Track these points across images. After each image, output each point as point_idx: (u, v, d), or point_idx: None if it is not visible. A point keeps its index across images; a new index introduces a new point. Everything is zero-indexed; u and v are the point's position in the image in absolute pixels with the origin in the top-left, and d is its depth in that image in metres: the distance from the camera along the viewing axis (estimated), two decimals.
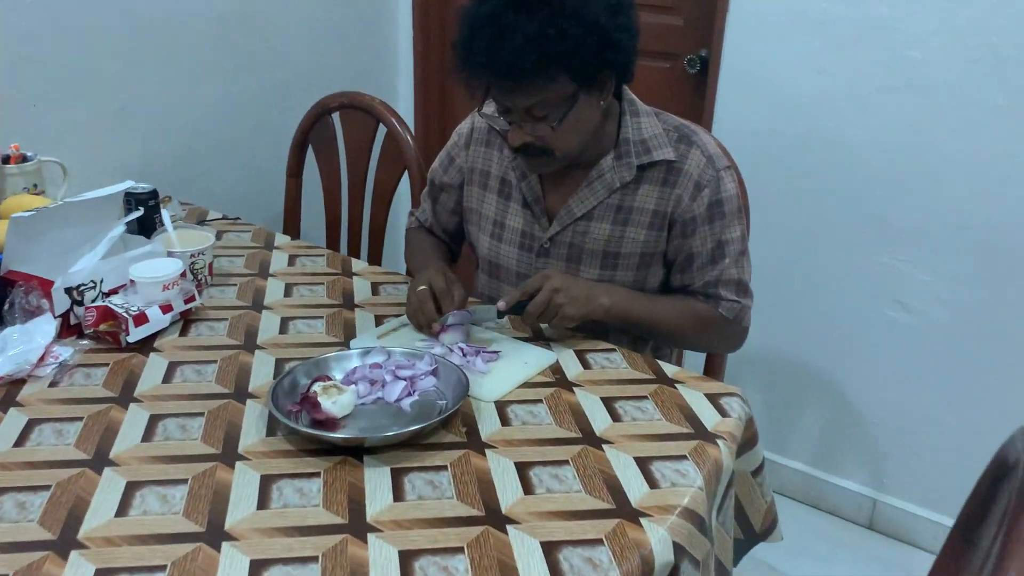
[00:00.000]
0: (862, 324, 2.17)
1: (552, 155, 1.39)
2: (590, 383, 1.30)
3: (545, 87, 1.30)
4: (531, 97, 1.31)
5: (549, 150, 1.38)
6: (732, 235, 1.46)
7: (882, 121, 2.00)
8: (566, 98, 1.32)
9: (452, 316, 1.38)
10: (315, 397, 1.15)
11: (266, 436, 1.14)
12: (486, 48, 1.27)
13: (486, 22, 1.27)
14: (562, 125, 1.34)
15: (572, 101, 1.33)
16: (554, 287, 1.36)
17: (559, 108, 1.33)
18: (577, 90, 1.32)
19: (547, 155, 1.39)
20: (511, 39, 1.24)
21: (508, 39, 1.24)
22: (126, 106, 2.05)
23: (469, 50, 1.30)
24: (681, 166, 1.43)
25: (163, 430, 1.15)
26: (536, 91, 1.30)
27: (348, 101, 2.00)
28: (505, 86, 1.31)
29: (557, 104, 1.32)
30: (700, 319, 1.48)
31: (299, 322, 1.47)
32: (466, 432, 1.16)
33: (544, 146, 1.37)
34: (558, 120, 1.33)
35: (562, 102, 1.32)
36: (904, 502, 2.24)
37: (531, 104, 1.32)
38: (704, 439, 1.17)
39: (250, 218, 2.06)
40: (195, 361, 1.33)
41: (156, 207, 1.66)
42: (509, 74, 1.27)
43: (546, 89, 1.30)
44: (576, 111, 1.34)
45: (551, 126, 1.34)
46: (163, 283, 1.41)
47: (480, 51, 1.28)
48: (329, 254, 1.78)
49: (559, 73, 1.29)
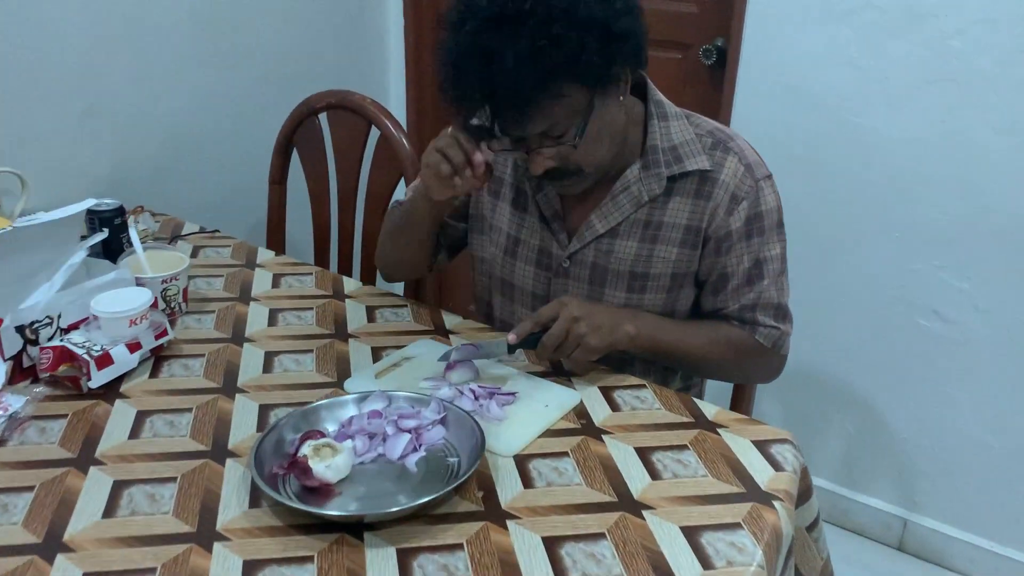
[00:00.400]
0: (893, 334, 2.02)
1: (581, 173, 1.23)
2: (621, 429, 1.14)
3: (554, 105, 1.13)
4: (542, 121, 1.14)
5: (576, 169, 1.22)
6: (771, 252, 1.30)
7: (917, 117, 1.85)
8: (581, 109, 1.16)
9: (456, 351, 1.22)
10: (305, 461, 0.99)
11: (249, 508, 0.98)
12: (477, 81, 1.10)
13: (468, 51, 1.10)
14: (584, 138, 1.17)
15: (588, 110, 1.16)
16: (573, 315, 1.19)
17: (576, 122, 1.16)
18: (591, 96, 1.16)
19: (575, 174, 1.23)
20: (501, 63, 1.07)
21: (498, 64, 1.07)
22: (91, 108, 1.86)
23: (458, 88, 1.13)
24: (716, 176, 1.27)
25: (128, 501, 0.98)
26: (546, 113, 1.13)
27: (336, 101, 1.82)
28: (512, 116, 1.14)
29: (573, 118, 1.16)
30: (735, 347, 1.32)
31: (285, 358, 1.30)
32: (483, 498, 1.00)
33: (569, 166, 1.21)
34: (578, 134, 1.17)
35: (578, 114, 1.16)
36: (937, 522, 2.10)
37: (544, 129, 1.16)
38: (758, 500, 1.01)
39: (230, 229, 1.88)
40: (167, 410, 1.16)
41: (123, 226, 1.48)
42: (511, 104, 1.10)
43: (556, 107, 1.13)
44: (596, 119, 1.17)
45: (572, 144, 1.17)
46: (130, 317, 1.23)
47: (470, 86, 1.11)
48: (318, 272, 1.61)
49: (565, 85, 1.12)
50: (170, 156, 2.03)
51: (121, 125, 1.93)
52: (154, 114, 1.99)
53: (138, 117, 1.95)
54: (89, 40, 1.83)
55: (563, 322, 1.20)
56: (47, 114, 1.79)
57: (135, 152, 1.96)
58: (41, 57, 1.76)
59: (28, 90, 1.75)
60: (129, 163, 1.95)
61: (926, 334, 1.98)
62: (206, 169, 2.12)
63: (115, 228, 1.46)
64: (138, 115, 1.95)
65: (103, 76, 1.87)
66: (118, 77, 1.90)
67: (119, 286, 1.31)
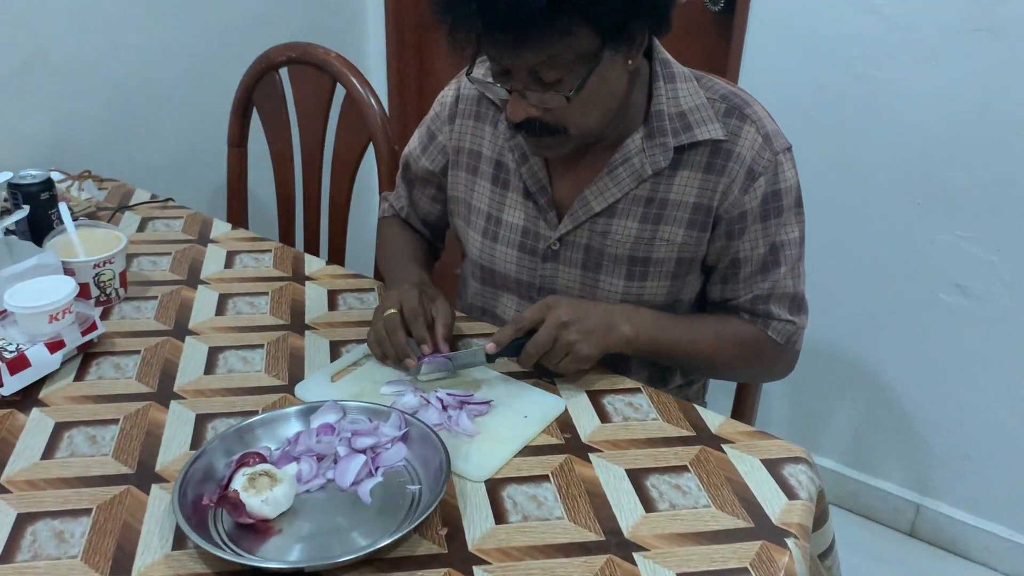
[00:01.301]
0: (912, 308, 1.87)
1: (565, 133, 1.05)
2: (611, 446, 0.99)
3: (558, 41, 0.95)
4: (539, 53, 0.97)
5: (561, 127, 1.04)
6: (790, 235, 1.14)
7: (947, 71, 1.67)
8: (586, 56, 0.98)
9: (426, 363, 1.07)
10: (236, 496, 0.84)
11: (172, 550, 0.83)
12: None
13: None
14: (580, 93, 1.00)
15: (594, 61, 0.99)
16: (560, 320, 1.04)
17: (576, 70, 0.99)
18: (601, 46, 0.98)
19: (558, 133, 1.05)
20: None
21: None
22: (30, 61, 1.67)
23: None
24: (731, 147, 1.10)
25: (31, 540, 0.84)
26: (546, 46, 0.96)
27: (297, 55, 1.63)
28: (504, 39, 0.96)
29: (573, 64, 0.98)
30: (744, 345, 1.17)
31: (231, 355, 1.15)
32: (447, 536, 0.85)
33: (554, 122, 1.04)
34: (575, 87, 0.99)
35: (580, 62, 0.99)
36: (951, 508, 1.98)
37: (539, 63, 0.98)
38: (768, 538, 0.87)
39: (187, 197, 1.72)
40: (90, 421, 1.01)
41: (51, 201, 1.31)
42: (510, 22, 0.92)
43: (559, 44, 0.96)
44: (598, 74, 1.00)
45: (565, 95, 1.00)
46: (50, 312, 1.08)
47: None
48: (277, 249, 1.44)
49: (577, 23, 0.95)
50: (119, 115, 1.85)
51: (63, 80, 1.74)
52: (101, 67, 1.80)
53: (82, 71, 1.76)
54: None
55: (550, 328, 1.04)
56: None
57: (79, 111, 1.78)
58: None
59: None
60: (72, 123, 1.76)
61: (947, 309, 1.83)
62: (160, 130, 1.94)
63: (42, 204, 1.29)
64: (82, 69, 1.76)
65: (42, 24, 1.68)
66: (59, 25, 1.70)
67: (42, 273, 1.15)
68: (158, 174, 1.87)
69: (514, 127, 1.08)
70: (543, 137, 1.07)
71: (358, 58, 2.33)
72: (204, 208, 1.64)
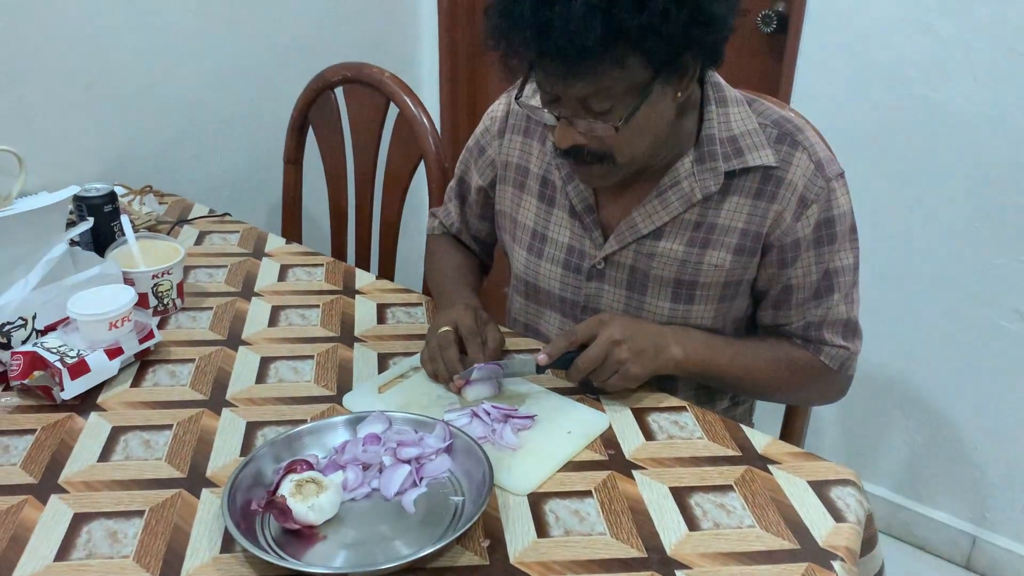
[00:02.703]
0: (969, 334, 1.82)
1: (612, 162, 1.05)
2: (655, 464, 0.98)
3: (609, 72, 0.96)
4: (590, 85, 0.97)
5: (608, 155, 1.04)
6: (844, 262, 1.13)
7: (1005, 92, 1.64)
8: (637, 88, 0.98)
9: (478, 370, 1.07)
10: (284, 502, 0.85)
11: (220, 553, 0.85)
12: (533, 15, 0.93)
13: None
14: (629, 124, 1.00)
15: (645, 92, 0.99)
16: (613, 338, 1.04)
17: (626, 101, 0.99)
18: (653, 78, 0.98)
19: (606, 162, 1.05)
20: (569, 4, 0.91)
21: (565, 4, 0.91)
22: (96, 82, 1.74)
23: (509, 17, 0.96)
24: (782, 175, 1.09)
25: (86, 539, 0.86)
26: (597, 77, 0.96)
27: (353, 74, 1.67)
28: (557, 68, 0.96)
29: (623, 95, 0.98)
30: (797, 370, 1.16)
31: (282, 365, 1.17)
32: (489, 548, 0.86)
33: (601, 150, 1.04)
34: (624, 118, 0.99)
35: (630, 93, 0.98)
36: (1010, 540, 1.91)
37: (589, 94, 0.98)
38: (814, 560, 0.85)
39: (243, 211, 1.76)
40: (145, 426, 1.04)
41: (115, 213, 1.36)
42: (563, 53, 0.93)
43: (611, 75, 0.96)
44: (648, 105, 1.00)
45: (614, 126, 1.00)
46: (110, 320, 1.11)
47: (524, 19, 0.94)
48: (329, 263, 1.47)
49: (630, 54, 0.95)
50: (180, 133, 1.91)
51: (127, 100, 1.80)
52: (162, 88, 1.85)
53: (145, 91, 1.82)
54: (93, 9, 1.70)
55: (602, 344, 1.04)
56: (47, 88, 1.67)
57: (142, 129, 1.84)
58: (42, 27, 1.64)
59: (27, 62, 1.63)
60: (136, 141, 1.82)
61: (1006, 335, 1.78)
62: (218, 147, 1.99)
63: (105, 216, 1.34)
64: (145, 89, 1.82)
65: (108, 47, 1.74)
66: (124, 48, 1.77)
67: (103, 282, 1.19)
68: (216, 190, 1.92)
69: (561, 153, 1.08)
70: (589, 166, 1.07)
71: (412, 79, 2.37)
72: (260, 223, 1.69)
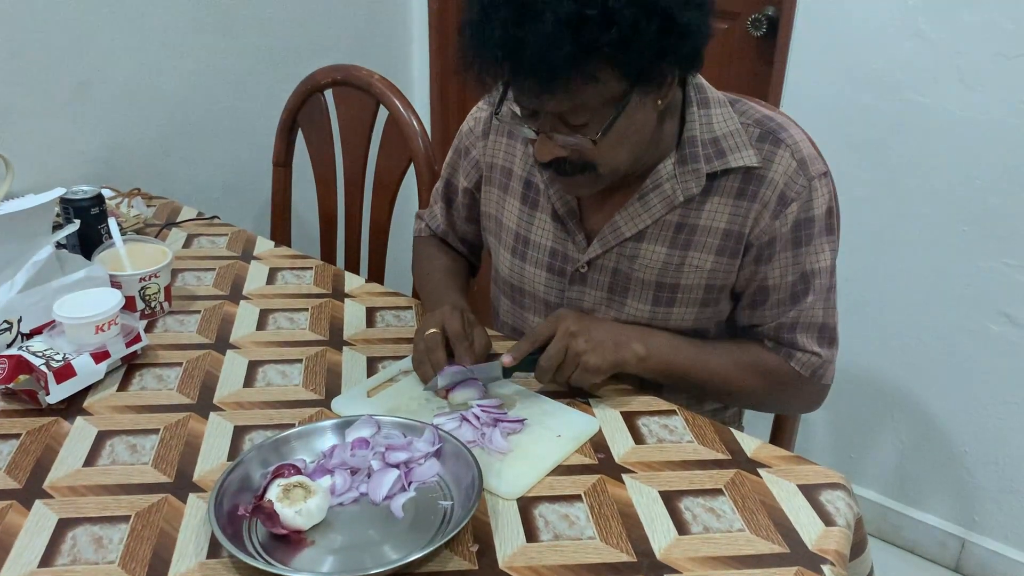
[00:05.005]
0: (957, 337, 1.83)
1: (594, 171, 1.05)
2: (645, 468, 0.98)
3: (584, 88, 0.95)
4: (565, 101, 0.97)
5: (590, 165, 1.04)
6: (821, 263, 1.12)
7: (994, 97, 1.64)
8: (613, 101, 0.98)
9: (442, 376, 1.07)
10: (271, 506, 0.85)
11: (207, 558, 0.84)
12: (503, 35, 0.92)
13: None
14: (607, 137, 1.00)
15: (621, 105, 0.98)
16: (569, 330, 1.04)
17: (603, 114, 0.98)
18: (629, 90, 0.98)
19: (587, 171, 1.05)
20: (538, 23, 0.90)
21: (534, 23, 0.90)
22: (83, 84, 1.73)
23: (480, 37, 0.95)
24: (764, 173, 1.09)
25: (71, 545, 0.85)
26: (572, 94, 0.95)
27: (342, 77, 1.66)
28: (531, 85, 0.96)
29: (600, 108, 0.98)
30: (764, 374, 1.15)
31: (270, 369, 1.16)
32: (478, 553, 0.85)
33: (583, 161, 1.04)
34: (602, 131, 0.99)
35: (607, 106, 0.98)
36: (999, 543, 1.92)
37: (565, 109, 0.98)
38: (804, 564, 0.85)
39: (233, 214, 1.76)
40: (131, 430, 1.03)
41: (101, 216, 1.35)
42: (535, 71, 0.92)
43: (585, 91, 0.95)
44: (626, 116, 0.99)
45: (592, 139, 1.00)
46: (96, 323, 1.10)
47: (495, 39, 0.93)
48: (318, 266, 1.46)
49: (603, 69, 0.94)
50: (169, 135, 1.90)
51: (115, 102, 1.79)
52: (151, 90, 1.85)
53: (134, 93, 1.81)
54: (81, 9, 1.69)
55: (560, 338, 1.05)
56: (35, 89, 1.66)
57: (131, 131, 1.83)
58: (29, 28, 1.62)
59: (14, 63, 1.62)
60: (124, 144, 1.81)
61: (994, 338, 1.79)
62: (208, 150, 1.98)
63: (92, 218, 1.33)
64: (134, 91, 1.81)
65: (96, 48, 1.73)
66: (113, 50, 1.76)
67: (90, 285, 1.19)
68: (205, 192, 1.91)
69: (543, 166, 1.08)
70: (574, 176, 1.06)
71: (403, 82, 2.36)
72: (249, 226, 1.68)
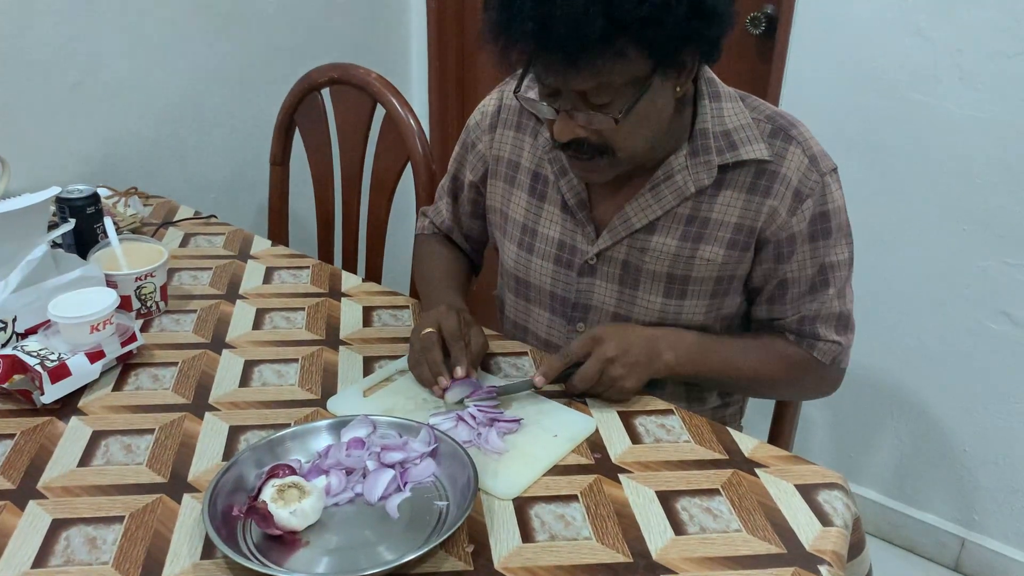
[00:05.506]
0: (957, 336, 1.82)
1: (613, 155, 1.05)
2: (641, 468, 0.98)
3: (610, 66, 0.95)
4: (590, 78, 0.97)
5: (608, 148, 1.04)
6: (839, 257, 1.13)
7: (994, 95, 1.64)
8: (637, 81, 0.98)
9: (455, 388, 1.06)
10: (265, 507, 0.84)
11: (201, 559, 0.84)
12: (533, 9, 0.92)
13: None
14: (629, 117, 1.00)
15: (645, 85, 0.99)
16: (607, 356, 1.05)
17: (626, 94, 0.99)
18: (652, 71, 0.98)
19: (606, 155, 1.05)
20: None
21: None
22: (80, 83, 1.72)
23: (508, 10, 0.95)
24: (776, 169, 1.09)
25: (65, 545, 0.85)
26: (598, 70, 0.96)
27: (339, 75, 1.66)
28: (558, 61, 0.96)
29: (624, 88, 0.98)
30: (789, 366, 1.16)
31: (266, 368, 1.16)
32: (473, 553, 0.85)
33: (602, 143, 1.04)
34: (624, 110, 0.99)
35: (631, 86, 0.98)
36: (999, 543, 1.91)
37: (589, 87, 0.98)
38: (801, 564, 0.85)
39: (231, 213, 1.75)
40: (126, 430, 1.03)
41: (97, 215, 1.34)
42: (564, 46, 0.92)
43: (612, 68, 0.96)
44: (648, 99, 1.00)
45: (614, 118, 1.00)
46: (91, 323, 1.10)
47: (524, 12, 0.93)
48: (315, 266, 1.46)
49: (631, 47, 0.94)
50: (165, 134, 1.89)
51: (112, 101, 1.78)
52: (148, 89, 1.84)
53: (130, 92, 1.81)
54: (78, 8, 1.68)
55: (596, 362, 1.06)
56: (31, 90, 1.66)
57: (128, 130, 1.82)
58: (25, 27, 1.62)
59: (10, 62, 1.62)
60: (121, 142, 1.81)
61: (994, 337, 1.78)
62: (205, 149, 1.97)
63: (87, 218, 1.32)
64: (130, 90, 1.81)
65: (93, 46, 1.72)
66: (109, 48, 1.75)
67: (85, 284, 1.18)
68: (202, 192, 1.91)
69: (560, 147, 1.08)
70: (592, 160, 1.06)
71: (401, 81, 2.36)
72: (246, 225, 1.67)
